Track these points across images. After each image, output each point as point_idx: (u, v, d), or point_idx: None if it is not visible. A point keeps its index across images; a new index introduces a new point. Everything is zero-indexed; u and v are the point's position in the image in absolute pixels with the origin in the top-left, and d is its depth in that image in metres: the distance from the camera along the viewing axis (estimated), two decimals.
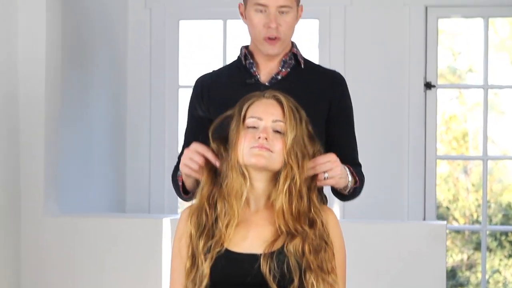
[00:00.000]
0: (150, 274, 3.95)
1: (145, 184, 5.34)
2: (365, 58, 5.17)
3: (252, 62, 2.71)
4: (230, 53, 5.19)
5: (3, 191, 3.82)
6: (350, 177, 2.56)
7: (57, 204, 4.08)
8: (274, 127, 2.33)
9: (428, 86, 5.18)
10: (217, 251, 2.27)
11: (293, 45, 2.74)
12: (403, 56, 5.16)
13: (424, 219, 5.13)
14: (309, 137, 2.36)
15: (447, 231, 3.90)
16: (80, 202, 4.65)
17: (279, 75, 2.70)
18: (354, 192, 2.62)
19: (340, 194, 2.64)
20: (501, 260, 8.32)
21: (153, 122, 5.33)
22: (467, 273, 8.40)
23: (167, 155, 5.33)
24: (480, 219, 7.79)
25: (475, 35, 6.43)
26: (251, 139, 2.31)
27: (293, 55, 2.73)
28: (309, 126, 2.37)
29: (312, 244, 2.27)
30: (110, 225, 4.01)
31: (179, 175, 2.60)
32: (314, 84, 2.69)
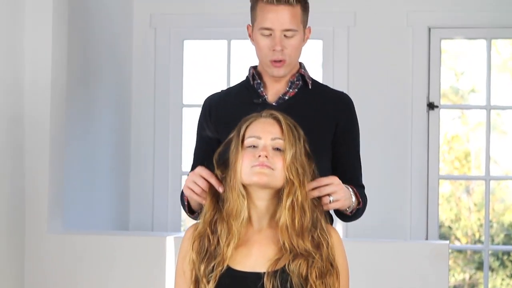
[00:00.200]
0: None
1: (148, 202, 5.35)
2: (369, 78, 5.19)
3: (259, 82, 2.72)
4: (234, 73, 5.21)
5: (9, 208, 3.83)
6: (353, 197, 2.57)
7: (61, 221, 4.08)
8: (273, 145, 2.33)
9: (431, 106, 5.19)
10: (220, 270, 2.28)
11: (301, 66, 2.75)
12: (406, 77, 5.17)
13: (427, 238, 5.13)
14: (306, 155, 2.37)
15: (449, 250, 3.91)
16: (84, 219, 4.67)
17: (286, 96, 2.71)
18: (356, 213, 2.63)
19: (342, 215, 2.64)
20: (503, 279, 8.31)
21: (157, 140, 5.34)
22: None
23: (170, 174, 5.34)
24: (482, 238, 7.79)
25: (478, 56, 6.44)
26: (251, 158, 2.31)
27: (301, 76, 2.74)
28: (306, 145, 2.37)
29: (318, 267, 2.27)
30: (113, 243, 4.01)
31: (185, 195, 2.61)
32: (321, 105, 2.70)
